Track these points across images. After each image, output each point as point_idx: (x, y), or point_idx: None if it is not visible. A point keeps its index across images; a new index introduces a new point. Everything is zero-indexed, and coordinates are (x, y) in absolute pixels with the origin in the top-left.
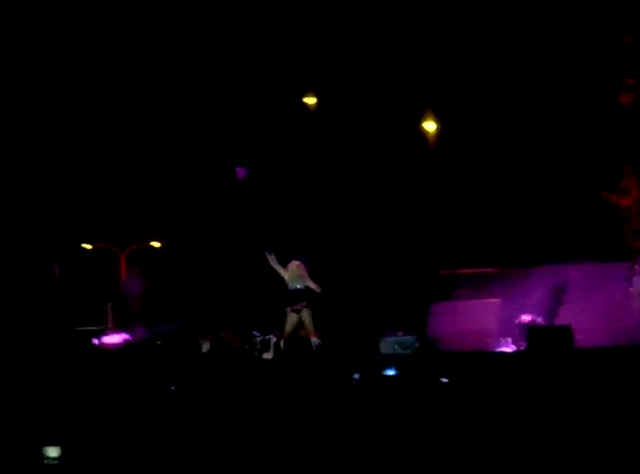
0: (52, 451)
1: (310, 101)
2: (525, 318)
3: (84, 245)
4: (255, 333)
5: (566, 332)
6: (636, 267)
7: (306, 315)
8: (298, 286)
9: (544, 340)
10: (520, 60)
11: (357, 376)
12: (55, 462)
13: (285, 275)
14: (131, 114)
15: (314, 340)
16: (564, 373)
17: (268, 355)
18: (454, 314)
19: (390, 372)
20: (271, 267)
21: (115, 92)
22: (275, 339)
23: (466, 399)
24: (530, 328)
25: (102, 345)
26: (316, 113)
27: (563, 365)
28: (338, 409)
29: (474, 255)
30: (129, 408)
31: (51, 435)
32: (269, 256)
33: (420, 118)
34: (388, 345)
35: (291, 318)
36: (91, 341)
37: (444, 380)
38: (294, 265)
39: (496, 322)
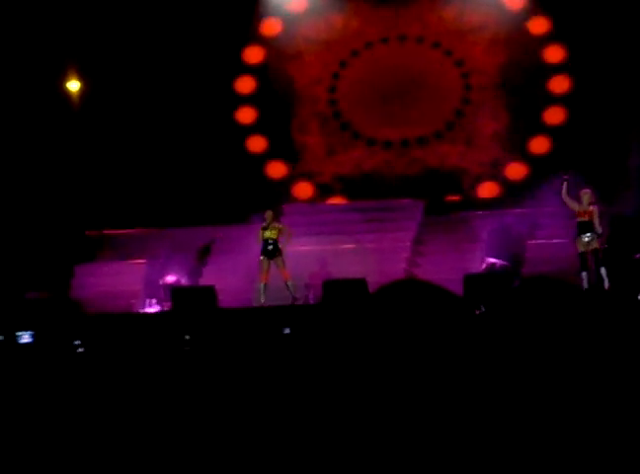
0: None
1: None
2: (170, 279)
3: None
4: None
5: (209, 292)
6: None
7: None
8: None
9: (188, 300)
10: None
11: None
12: None
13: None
14: None
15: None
16: (208, 333)
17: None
18: (99, 276)
19: (25, 338)
20: None
21: None
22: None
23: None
24: (174, 289)
25: None
26: None
27: (206, 325)
28: None
29: (120, 215)
30: None
31: None
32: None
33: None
34: None
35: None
36: None
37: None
38: None
39: (141, 283)
